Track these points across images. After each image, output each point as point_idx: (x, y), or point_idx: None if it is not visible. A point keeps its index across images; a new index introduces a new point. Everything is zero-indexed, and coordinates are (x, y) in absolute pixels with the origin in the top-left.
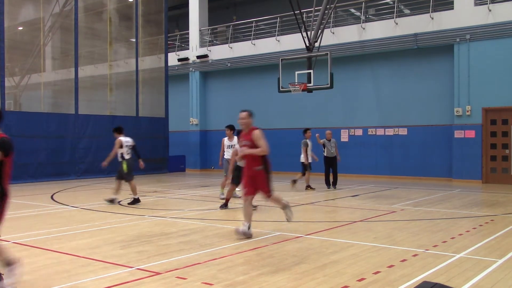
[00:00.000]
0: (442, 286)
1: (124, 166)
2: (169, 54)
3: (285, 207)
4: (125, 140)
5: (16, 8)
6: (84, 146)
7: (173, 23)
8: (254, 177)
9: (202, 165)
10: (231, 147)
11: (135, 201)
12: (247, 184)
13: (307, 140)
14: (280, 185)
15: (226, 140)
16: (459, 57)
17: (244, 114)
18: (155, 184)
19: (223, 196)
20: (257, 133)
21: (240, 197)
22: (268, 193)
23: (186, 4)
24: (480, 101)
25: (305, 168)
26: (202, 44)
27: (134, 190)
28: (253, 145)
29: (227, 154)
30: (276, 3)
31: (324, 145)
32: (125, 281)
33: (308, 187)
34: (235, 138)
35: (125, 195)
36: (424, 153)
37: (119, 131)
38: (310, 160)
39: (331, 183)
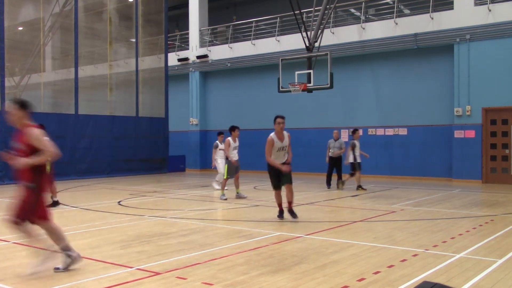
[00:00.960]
0: (442, 286)
1: (48, 168)
2: (169, 54)
3: (63, 250)
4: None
5: (16, 8)
6: (84, 146)
7: (173, 23)
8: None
9: (202, 165)
10: (236, 148)
11: (55, 203)
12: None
13: (355, 141)
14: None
15: (231, 141)
16: (459, 57)
17: (10, 106)
18: (155, 184)
19: (224, 198)
20: (34, 132)
21: (245, 197)
22: (17, 218)
23: (186, 4)
24: (480, 101)
25: (354, 168)
26: (202, 44)
27: (54, 192)
28: (30, 149)
29: (234, 155)
30: (276, 3)
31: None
32: (125, 281)
33: (360, 187)
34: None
35: (125, 195)
36: (424, 153)
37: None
38: (358, 160)
39: (335, 182)
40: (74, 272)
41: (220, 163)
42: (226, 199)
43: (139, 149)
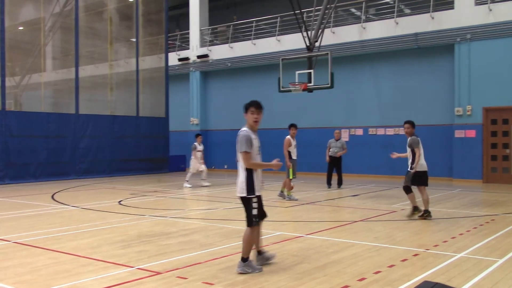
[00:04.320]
0: (443, 286)
1: None
2: (170, 54)
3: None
4: None
5: (17, 8)
6: (85, 146)
7: (174, 23)
8: None
9: None
10: (295, 146)
11: None
12: None
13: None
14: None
15: (291, 140)
16: (459, 57)
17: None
18: (156, 184)
19: (295, 198)
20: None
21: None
22: None
23: (186, 4)
24: (481, 100)
25: None
26: (203, 43)
27: None
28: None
29: (294, 154)
30: (276, 3)
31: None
32: (125, 281)
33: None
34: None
35: (125, 195)
36: (424, 153)
37: None
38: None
39: (336, 182)
40: (75, 272)
41: (194, 163)
42: (297, 199)
43: (139, 149)
